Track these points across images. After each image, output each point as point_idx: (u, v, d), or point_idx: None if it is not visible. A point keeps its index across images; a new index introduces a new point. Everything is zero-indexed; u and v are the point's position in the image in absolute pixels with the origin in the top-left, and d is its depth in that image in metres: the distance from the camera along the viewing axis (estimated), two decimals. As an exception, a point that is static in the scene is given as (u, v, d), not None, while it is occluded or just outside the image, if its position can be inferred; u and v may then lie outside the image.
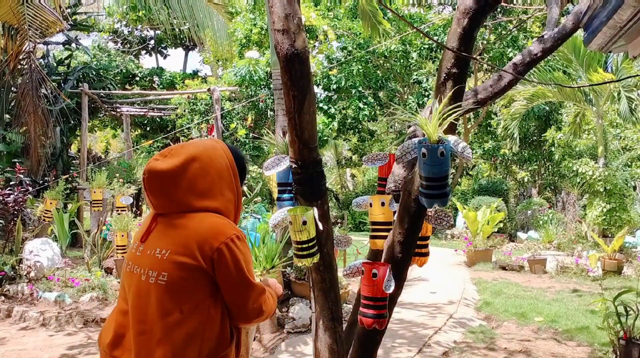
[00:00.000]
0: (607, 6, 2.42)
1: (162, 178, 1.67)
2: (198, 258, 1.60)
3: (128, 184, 8.88)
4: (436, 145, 1.79)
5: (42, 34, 8.41)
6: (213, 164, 1.73)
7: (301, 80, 2.09)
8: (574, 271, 8.62)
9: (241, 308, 1.68)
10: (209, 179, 1.71)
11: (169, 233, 1.67)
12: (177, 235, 1.65)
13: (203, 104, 13.06)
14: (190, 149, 1.72)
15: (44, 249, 7.05)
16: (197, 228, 1.64)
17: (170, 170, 1.67)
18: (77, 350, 4.98)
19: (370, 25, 8.05)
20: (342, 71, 14.01)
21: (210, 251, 1.61)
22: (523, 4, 9.10)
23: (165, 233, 1.68)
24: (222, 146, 1.81)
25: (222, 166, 1.76)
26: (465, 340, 5.28)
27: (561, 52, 10.78)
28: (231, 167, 1.79)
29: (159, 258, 1.63)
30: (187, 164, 1.68)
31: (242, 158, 1.89)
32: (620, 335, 4.13)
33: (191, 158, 1.69)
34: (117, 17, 17.19)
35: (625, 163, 12.73)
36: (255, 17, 13.53)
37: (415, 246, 2.25)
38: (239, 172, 1.84)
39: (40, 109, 8.81)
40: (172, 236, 1.65)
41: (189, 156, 1.70)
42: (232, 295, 1.66)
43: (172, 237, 1.65)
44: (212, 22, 11.20)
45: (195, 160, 1.70)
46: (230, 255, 1.63)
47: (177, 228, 1.66)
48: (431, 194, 1.86)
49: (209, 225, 1.66)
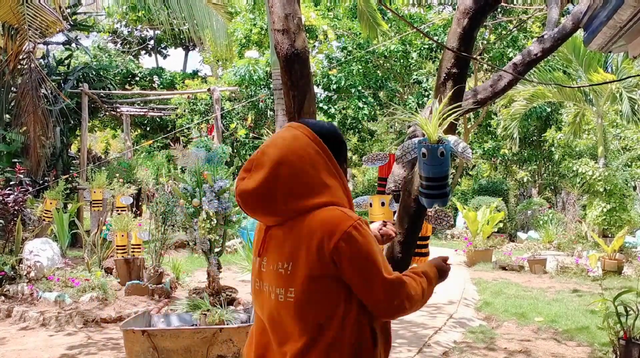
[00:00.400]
0: (607, 6, 2.42)
1: (256, 198, 1.52)
2: (319, 266, 1.47)
3: (128, 184, 8.88)
4: (436, 145, 1.79)
5: (42, 34, 8.41)
6: (302, 159, 1.53)
7: (301, 80, 2.09)
8: (574, 271, 8.62)
9: (378, 305, 1.51)
10: (304, 176, 1.52)
11: (285, 244, 1.53)
12: (294, 244, 1.51)
13: (203, 104, 13.07)
14: (272, 153, 1.53)
15: (44, 249, 7.05)
16: (310, 232, 1.49)
17: (260, 187, 1.50)
18: (77, 350, 4.98)
19: (369, 26, 8.05)
20: (342, 71, 14.01)
21: (329, 253, 1.46)
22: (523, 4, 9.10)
23: (282, 244, 1.53)
24: (304, 130, 1.58)
25: (312, 155, 1.54)
26: (465, 340, 5.28)
27: (561, 52, 10.77)
28: (322, 151, 1.56)
29: (282, 274, 1.50)
30: (274, 173, 1.50)
31: (332, 132, 1.64)
32: (620, 335, 4.13)
33: (277, 164, 1.51)
34: (116, 17, 17.19)
35: (625, 163, 12.72)
36: (255, 17, 13.53)
37: (415, 246, 2.25)
38: (335, 148, 1.61)
39: (40, 109, 8.80)
40: (289, 246, 1.52)
41: (274, 163, 1.51)
42: (364, 294, 1.50)
43: (289, 248, 1.51)
44: (212, 23, 11.20)
45: (281, 164, 1.51)
46: (350, 250, 1.46)
47: (292, 236, 1.52)
48: (431, 194, 1.86)
49: (320, 223, 1.49)
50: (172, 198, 6.70)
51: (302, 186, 1.52)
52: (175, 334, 3.92)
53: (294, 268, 1.49)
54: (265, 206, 1.52)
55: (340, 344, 1.48)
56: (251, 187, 1.51)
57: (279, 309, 1.51)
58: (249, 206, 1.54)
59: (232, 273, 7.85)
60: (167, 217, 6.77)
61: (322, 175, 1.54)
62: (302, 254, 1.48)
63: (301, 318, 1.48)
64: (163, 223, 6.84)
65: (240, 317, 4.44)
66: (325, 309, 1.48)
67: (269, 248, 1.57)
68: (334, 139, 1.62)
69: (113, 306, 6.19)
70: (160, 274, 6.91)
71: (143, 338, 3.85)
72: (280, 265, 1.52)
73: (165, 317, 4.61)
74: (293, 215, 1.52)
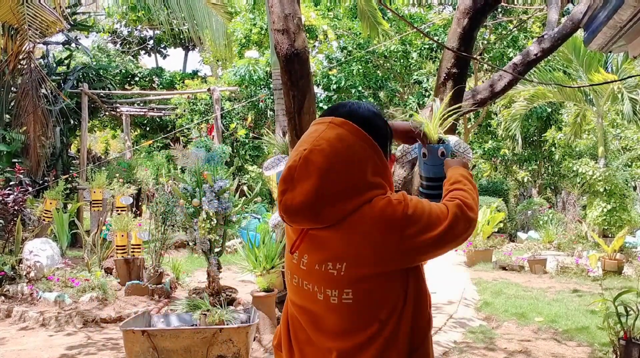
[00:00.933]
0: (607, 6, 2.42)
1: (303, 212, 1.37)
2: (383, 262, 1.37)
3: (128, 184, 8.89)
4: (437, 145, 1.79)
5: (42, 34, 8.41)
6: (351, 163, 1.39)
7: (301, 80, 2.08)
8: (574, 272, 8.62)
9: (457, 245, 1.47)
10: (353, 179, 1.39)
11: (332, 243, 1.40)
12: (346, 243, 1.38)
13: (203, 104, 13.07)
14: (317, 161, 1.37)
15: (44, 249, 7.04)
16: (365, 230, 1.37)
17: (307, 200, 1.36)
18: (77, 350, 4.97)
19: (370, 26, 8.06)
20: (342, 71, 14.01)
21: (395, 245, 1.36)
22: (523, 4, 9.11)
23: (329, 243, 1.40)
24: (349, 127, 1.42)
25: (360, 155, 1.41)
26: (465, 340, 5.28)
27: (561, 52, 10.78)
28: (370, 147, 1.43)
29: (335, 275, 1.38)
30: (322, 183, 1.36)
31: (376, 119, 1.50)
32: (620, 335, 4.13)
33: (325, 173, 1.36)
34: (116, 17, 17.19)
35: (625, 163, 12.72)
36: (254, 17, 13.53)
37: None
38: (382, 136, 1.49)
39: (40, 109, 8.80)
40: (340, 246, 1.39)
41: (321, 171, 1.36)
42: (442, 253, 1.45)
43: (340, 247, 1.39)
44: (211, 22, 11.20)
45: (329, 171, 1.36)
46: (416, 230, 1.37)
47: (340, 235, 1.39)
48: (431, 194, 1.86)
49: (375, 220, 1.37)
50: (172, 198, 6.70)
51: (352, 190, 1.39)
52: (175, 334, 3.92)
53: (348, 269, 1.37)
54: (313, 217, 1.38)
55: (396, 337, 1.39)
56: (298, 201, 1.37)
57: (330, 310, 1.41)
58: (296, 221, 1.41)
59: (232, 273, 7.85)
60: (167, 217, 6.77)
61: (370, 174, 1.42)
62: (359, 253, 1.38)
63: (359, 318, 1.39)
64: (163, 223, 6.83)
65: (240, 317, 4.44)
66: (386, 306, 1.39)
67: (310, 247, 1.44)
68: (377, 129, 1.48)
69: (113, 306, 6.18)
70: (160, 274, 6.91)
71: (143, 338, 3.84)
72: (331, 265, 1.39)
73: (165, 317, 4.60)
74: (340, 218, 1.39)
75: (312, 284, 1.43)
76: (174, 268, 7.57)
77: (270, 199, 11.81)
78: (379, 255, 1.37)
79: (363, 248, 1.37)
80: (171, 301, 6.42)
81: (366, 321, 1.39)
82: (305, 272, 1.44)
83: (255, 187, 9.92)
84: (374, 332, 1.38)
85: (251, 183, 12.27)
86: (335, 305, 1.39)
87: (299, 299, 1.50)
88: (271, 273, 5.24)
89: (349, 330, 1.40)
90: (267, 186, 11.28)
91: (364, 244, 1.37)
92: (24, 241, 7.25)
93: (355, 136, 1.42)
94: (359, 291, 1.38)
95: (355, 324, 1.40)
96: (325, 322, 1.44)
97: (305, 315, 1.48)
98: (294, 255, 1.47)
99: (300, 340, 1.51)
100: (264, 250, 5.27)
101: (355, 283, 1.38)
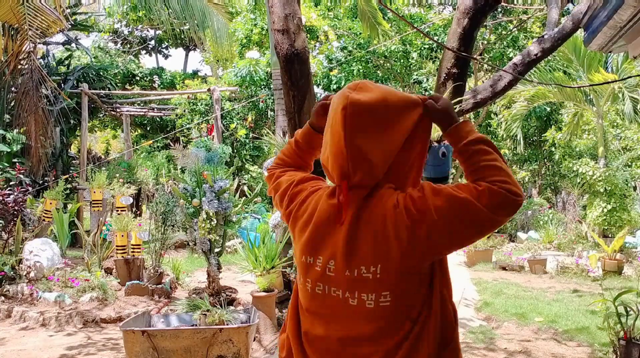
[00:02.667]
0: (607, 6, 2.42)
1: (369, 113, 1.34)
2: (416, 263, 1.33)
3: (128, 185, 8.88)
4: (437, 145, 1.79)
5: (42, 34, 8.41)
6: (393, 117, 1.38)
7: (301, 80, 2.08)
8: (574, 272, 8.62)
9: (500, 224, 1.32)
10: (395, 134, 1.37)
11: (359, 242, 1.35)
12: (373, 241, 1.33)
13: (203, 104, 13.07)
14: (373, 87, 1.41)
15: (44, 249, 7.05)
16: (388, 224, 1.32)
17: (375, 103, 1.35)
18: (77, 350, 4.97)
19: (370, 26, 8.06)
20: (342, 71, 14.01)
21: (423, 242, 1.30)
22: (523, 4, 9.10)
23: (354, 243, 1.35)
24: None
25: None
26: (465, 340, 5.27)
27: (561, 52, 10.77)
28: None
29: (370, 278, 1.33)
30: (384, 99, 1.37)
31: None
32: (620, 335, 4.13)
33: (385, 93, 1.38)
34: (117, 17, 17.19)
35: (625, 163, 12.71)
36: (255, 17, 13.52)
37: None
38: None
39: (40, 109, 8.80)
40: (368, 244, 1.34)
41: (382, 92, 1.39)
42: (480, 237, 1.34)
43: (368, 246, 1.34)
44: (213, 23, 11.21)
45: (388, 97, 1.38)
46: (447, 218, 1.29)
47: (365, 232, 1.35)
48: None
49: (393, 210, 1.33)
50: (172, 198, 6.70)
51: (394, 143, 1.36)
52: (175, 334, 3.92)
53: (383, 273, 1.32)
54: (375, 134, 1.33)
55: (427, 333, 1.36)
56: (365, 100, 1.34)
57: (368, 313, 1.35)
58: (361, 123, 1.33)
59: (232, 273, 7.85)
60: (167, 217, 6.77)
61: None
62: (389, 250, 1.32)
63: (398, 316, 1.35)
64: (163, 223, 6.84)
65: (240, 317, 4.44)
66: (417, 302, 1.35)
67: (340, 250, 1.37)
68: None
69: (113, 306, 6.18)
70: (160, 274, 6.91)
71: (143, 338, 3.84)
72: (364, 270, 1.33)
73: (165, 317, 4.60)
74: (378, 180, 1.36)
75: (340, 290, 1.37)
76: (174, 268, 7.57)
77: (270, 200, 11.81)
78: (412, 248, 1.31)
79: (393, 243, 1.31)
80: (171, 301, 6.42)
81: (400, 321, 1.35)
82: (333, 278, 1.38)
83: (256, 187, 9.92)
84: (407, 331, 1.35)
85: (251, 183, 12.28)
86: (371, 309, 1.34)
87: (319, 307, 1.43)
88: (271, 273, 5.24)
89: (385, 333, 1.36)
90: (267, 186, 11.28)
91: (392, 238, 1.31)
92: (24, 241, 7.25)
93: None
94: (396, 293, 1.33)
95: (394, 325, 1.35)
96: (348, 327, 1.38)
97: (329, 323, 1.42)
98: (317, 261, 1.40)
99: (319, 349, 1.45)
100: (264, 250, 5.27)
101: (392, 285, 1.33)
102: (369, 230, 1.34)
